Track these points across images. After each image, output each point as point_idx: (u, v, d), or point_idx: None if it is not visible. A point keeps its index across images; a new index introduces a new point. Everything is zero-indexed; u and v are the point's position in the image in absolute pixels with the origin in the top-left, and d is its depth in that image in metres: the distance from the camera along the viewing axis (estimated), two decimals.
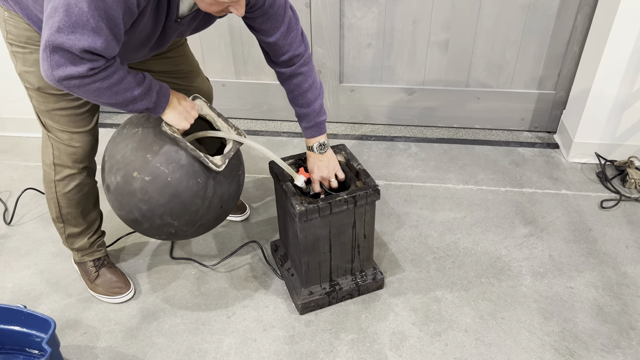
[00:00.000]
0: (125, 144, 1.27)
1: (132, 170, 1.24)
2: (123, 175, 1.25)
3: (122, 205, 1.29)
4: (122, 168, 1.25)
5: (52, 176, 1.43)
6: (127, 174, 1.25)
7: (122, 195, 1.27)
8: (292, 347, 1.46)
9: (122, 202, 1.28)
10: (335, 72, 2.28)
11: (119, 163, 1.26)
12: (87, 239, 1.58)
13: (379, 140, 2.33)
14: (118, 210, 1.32)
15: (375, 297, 1.59)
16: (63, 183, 1.44)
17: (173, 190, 1.25)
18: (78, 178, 1.44)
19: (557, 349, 1.44)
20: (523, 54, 2.16)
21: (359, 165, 1.49)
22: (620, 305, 1.56)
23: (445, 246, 1.77)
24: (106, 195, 1.34)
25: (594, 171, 2.10)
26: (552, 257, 1.72)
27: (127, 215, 1.31)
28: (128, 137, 1.28)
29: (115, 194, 1.29)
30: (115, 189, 1.28)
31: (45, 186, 1.47)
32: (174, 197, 1.26)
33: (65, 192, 1.45)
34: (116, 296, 1.59)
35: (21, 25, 1.22)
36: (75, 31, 0.99)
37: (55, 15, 0.98)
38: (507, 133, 2.36)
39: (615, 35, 1.85)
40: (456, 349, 1.44)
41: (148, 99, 1.17)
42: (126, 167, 1.25)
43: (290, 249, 1.57)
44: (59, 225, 1.54)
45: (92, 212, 1.55)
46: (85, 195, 1.49)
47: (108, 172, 1.29)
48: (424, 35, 2.16)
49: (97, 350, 1.47)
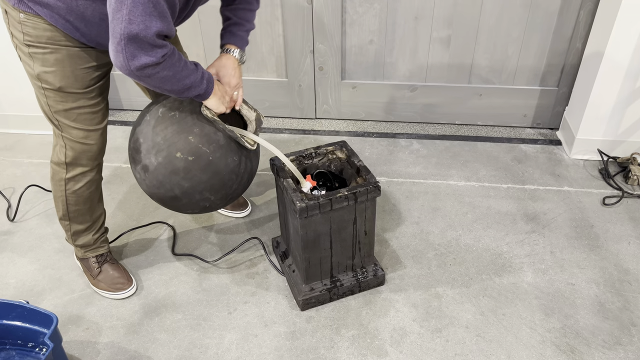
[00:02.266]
0: (164, 127, 1.34)
1: (176, 151, 1.32)
2: (166, 155, 1.32)
3: (163, 183, 1.35)
4: (165, 149, 1.32)
5: (62, 174, 1.44)
6: (170, 154, 1.32)
7: (165, 174, 1.34)
8: (293, 343, 1.46)
9: (162, 181, 1.35)
10: (337, 68, 2.28)
11: (160, 145, 1.33)
12: (91, 236, 1.59)
13: (381, 137, 2.33)
14: (156, 189, 1.37)
15: (376, 294, 1.60)
16: (74, 181, 1.45)
17: (214, 168, 1.35)
18: (89, 175, 1.46)
19: (558, 345, 1.44)
20: (525, 50, 2.15)
21: (360, 162, 1.49)
22: (622, 301, 1.55)
23: (447, 243, 1.77)
24: (140, 176, 1.38)
25: (596, 168, 2.10)
26: (554, 254, 1.71)
27: (166, 193, 1.37)
28: (166, 120, 1.34)
29: (155, 173, 1.35)
30: (156, 169, 1.34)
31: (54, 185, 1.48)
32: (214, 175, 1.36)
33: (75, 189, 1.46)
34: (118, 292, 1.60)
35: (40, 25, 1.23)
36: (145, 19, 1.05)
37: (123, 8, 1.04)
38: (509, 130, 2.35)
39: (618, 32, 1.85)
40: (457, 345, 1.44)
41: (200, 86, 1.25)
42: (169, 148, 1.32)
43: (291, 245, 1.58)
44: (65, 223, 1.55)
45: (97, 208, 1.56)
46: (94, 191, 1.51)
47: (146, 154, 1.34)
48: (426, 32, 2.15)
49: (99, 345, 1.48)
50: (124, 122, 2.48)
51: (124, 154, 2.25)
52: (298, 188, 1.42)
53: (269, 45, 2.26)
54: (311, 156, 1.55)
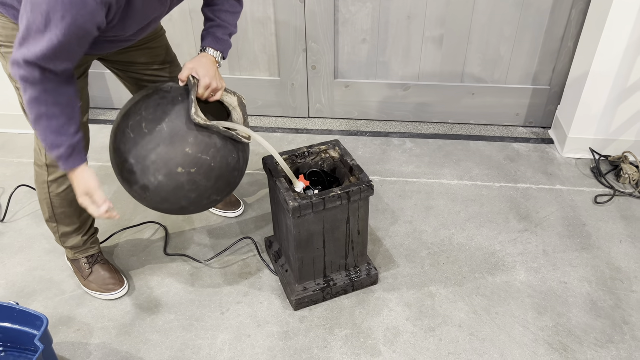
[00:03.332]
0: (155, 144, 1.26)
1: (176, 167, 1.27)
2: (166, 173, 1.27)
3: (167, 199, 1.31)
4: (163, 167, 1.26)
5: (44, 177, 1.42)
6: (171, 171, 1.27)
7: (168, 191, 1.29)
8: (286, 343, 1.45)
9: (167, 198, 1.31)
10: (330, 67, 2.28)
11: (157, 164, 1.26)
12: (80, 237, 1.57)
13: (374, 136, 2.32)
14: (161, 205, 1.33)
15: (370, 293, 1.59)
16: (57, 183, 1.43)
17: (218, 173, 1.32)
18: None
19: (551, 343, 1.44)
20: (518, 49, 2.16)
21: (353, 161, 1.49)
22: (614, 300, 1.56)
23: (440, 242, 1.77)
24: (139, 194, 1.32)
25: (588, 166, 2.11)
26: (546, 253, 1.72)
27: (172, 206, 1.34)
28: (155, 136, 1.26)
29: (158, 191, 1.29)
30: (158, 188, 1.29)
31: (38, 187, 1.46)
32: (219, 178, 1.34)
33: (59, 192, 1.44)
34: (110, 293, 1.58)
35: (9, 25, 1.21)
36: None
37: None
38: (501, 129, 2.36)
39: (610, 31, 1.85)
40: (450, 344, 1.44)
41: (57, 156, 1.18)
42: (167, 165, 1.26)
43: (284, 245, 1.57)
44: (52, 225, 1.53)
45: (85, 210, 1.54)
46: None
47: (142, 174, 1.28)
48: (419, 31, 2.15)
49: (90, 347, 1.46)
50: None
51: None
52: (291, 187, 1.41)
53: (261, 44, 2.25)
54: (304, 155, 1.54)
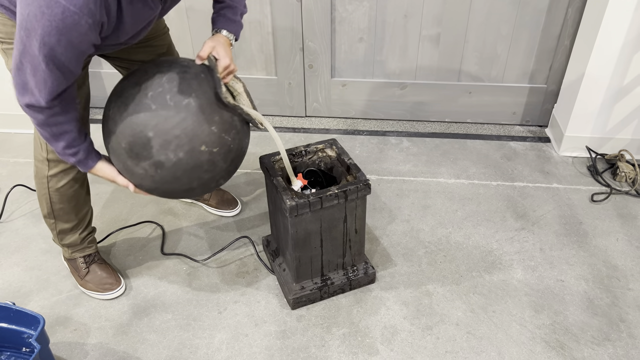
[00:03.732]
0: (181, 118, 1.19)
1: (200, 144, 1.21)
2: (188, 150, 1.20)
3: (179, 179, 1.24)
4: (187, 143, 1.20)
5: (44, 172, 1.42)
6: (194, 148, 1.20)
7: (185, 170, 1.23)
8: (283, 342, 1.45)
9: (180, 177, 1.24)
10: (327, 66, 2.27)
11: (180, 138, 1.19)
12: (78, 235, 1.56)
13: (371, 134, 2.32)
14: (168, 184, 1.25)
15: (367, 292, 1.59)
16: (56, 178, 1.43)
17: (234, 155, 1.31)
18: (72, 172, 1.44)
19: (548, 341, 1.44)
20: (514, 47, 2.16)
21: (350, 160, 1.49)
22: (611, 297, 1.56)
23: (437, 240, 1.77)
24: (147, 172, 1.23)
25: (584, 165, 2.11)
26: (543, 251, 1.72)
27: (180, 187, 1.27)
28: (181, 109, 1.19)
29: (174, 169, 1.22)
30: (175, 165, 1.21)
31: (37, 182, 1.46)
32: (233, 161, 1.32)
33: (58, 187, 1.44)
34: (107, 292, 1.58)
35: (8, 22, 1.22)
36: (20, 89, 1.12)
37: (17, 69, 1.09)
38: (498, 127, 2.36)
39: (606, 29, 1.86)
40: (447, 343, 1.45)
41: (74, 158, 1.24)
42: (191, 141, 1.20)
43: (282, 244, 1.57)
44: (50, 221, 1.52)
45: (83, 207, 1.54)
46: (78, 189, 1.48)
47: (160, 149, 1.19)
48: (416, 30, 2.15)
49: (87, 346, 1.46)
50: None
51: None
52: (288, 186, 1.41)
53: (258, 43, 2.24)
54: (301, 154, 1.54)
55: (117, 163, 1.27)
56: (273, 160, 1.50)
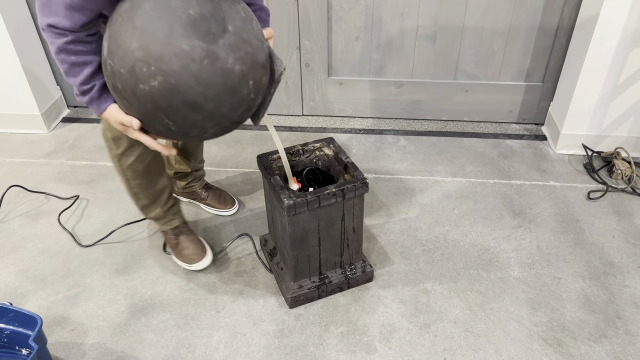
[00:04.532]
0: (258, 36, 1.13)
1: (250, 78, 1.12)
2: (249, 63, 1.10)
3: (223, 88, 1.09)
4: (248, 60, 1.10)
5: (113, 151, 1.43)
6: (255, 63, 1.12)
7: (235, 81, 1.09)
8: (281, 341, 1.45)
9: (229, 87, 1.09)
10: (323, 65, 2.27)
11: (247, 54, 1.08)
12: (160, 209, 1.60)
13: (368, 133, 2.33)
14: (206, 89, 1.06)
15: (365, 290, 1.60)
16: (125, 156, 1.43)
17: (254, 108, 1.22)
18: (138, 149, 1.42)
19: (545, 339, 1.45)
20: (511, 46, 2.17)
21: (348, 158, 1.49)
22: (607, 294, 1.57)
23: (434, 238, 1.77)
24: (201, 59, 1.03)
25: (581, 162, 2.12)
26: (540, 248, 1.73)
27: (209, 102, 1.09)
28: (255, 26, 1.14)
29: (230, 75, 1.07)
30: (232, 72, 1.07)
31: (111, 160, 1.48)
32: (246, 112, 1.21)
33: (129, 164, 1.44)
34: (192, 264, 1.64)
35: None
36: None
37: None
38: (495, 125, 2.37)
39: (602, 27, 1.86)
40: (445, 340, 1.45)
41: (83, 97, 1.18)
42: (252, 64, 1.10)
43: (279, 243, 1.57)
44: (132, 198, 1.56)
45: (159, 181, 1.54)
46: (148, 165, 1.47)
47: (232, 48, 1.06)
48: (412, 28, 2.16)
49: (85, 346, 1.46)
50: None
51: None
52: (286, 185, 1.41)
53: None
54: (298, 153, 1.54)
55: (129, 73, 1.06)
56: (271, 159, 1.50)
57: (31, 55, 2.27)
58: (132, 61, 1.03)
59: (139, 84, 1.04)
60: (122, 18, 1.04)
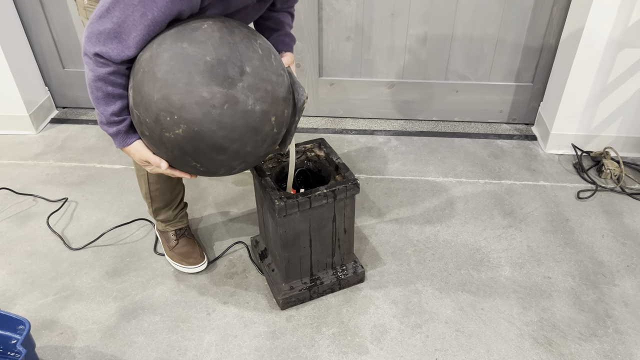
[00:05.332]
0: (280, 79, 1.15)
1: (273, 114, 1.14)
2: (269, 102, 1.12)
3: (245, 128, 1.11)
4: (268, 99, 1.12)
5: None
6: (269, 110, 1.13)
7: (256, 120, 1.12)
8: (273, 343, 1.45)
9: (251, 126, 1.12)
10: (314, 65, 2.27)
11: (267, 93, 1.11)
12: (171, 211, 1.65)
13: (359, 134, 2.32)
14: (230, 130, 1.09)
15: (356, 291, 1.59)
16: None
17: (273, 146, 1.25)
18: None
19: (536, 338, 1.45)
20: (501, 46, 2.17)
21: (339, 159, 1.49)
22: (597, 294, 1.58)
23: (425, 238, 1.77)
24: (213, 100, 1.05)
25: (570, 162, 2.13)
26: (531, 248, 1.73)
27: (232, 141, 1.12)
28: (276, 64, 1.16)
29: (250, 115, 1.10)
30: (248, 112, 1.09)
31: (135, 164, 1.52)
32: (269, 147, 1.25)
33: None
34: (189, 266, 1.64)
35: None
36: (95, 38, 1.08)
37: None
38: (485, 125, 2.38)
39: (590, 28, 1.87)
40: (437, 341, 1.45)
41: (109, 130, 1.19)
42: (272, 104, 1.13)
43: (271, 245, 1.56)
44: (147, 201, 1.61)
45: (177, 186, 1.61)
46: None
47: (246, 89, 1.08)
48: (403, 28, 2.16)
49: (74, 350, 1.44)
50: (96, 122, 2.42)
51: (97, 153, 2.20)
52: (277, 187, 1.41)
53: None
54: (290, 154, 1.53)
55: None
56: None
57: (19, 56, 2.25)
58: (155, 111, 1.07)
59: (164, 132, 1.09)
60: (143, 69, 1.09)
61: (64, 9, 2.23)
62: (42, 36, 2.31)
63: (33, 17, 2.26)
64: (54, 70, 2.41)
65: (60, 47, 2.35)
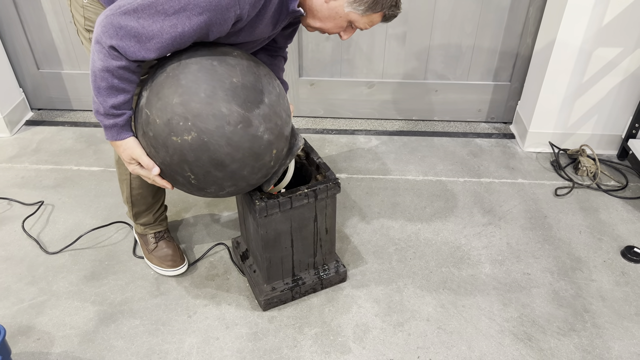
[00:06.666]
0: (287, 106, 1.26)
1: (274, 148, 1.22)
2: (276, 132, 1.21)
3: (241, 149, 1.16)
4: (277, 129, 1.21)
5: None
6: (276, 139, 1.21)
7: (261, 147, 1.19)
8: (255, 344, 1.44)
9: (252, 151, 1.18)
10: (294, 65, 2.26)
11: (279, 121, 1.20)
12: (152, 215, 1.63)
13: (340, 133, 2.33)
14: (233, 151, 1.14)
15: (338, 290, 1.59)
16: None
17: (271, 176, 1.34)
18: None
19: (516, 334, 1.47)
20: (479, 46, 2.20)
21: (319, 159, 1.48)
22: (575, 289, 1.61)
23: (407, 237, 1.78)
24: (227, 121, 1.11)
25: (548, 160, 2.16)
26: (510, 245, 1.75)
27: (233, 162, 1.17)
28: (283, 96, 1.26)
29: (245, 140, 1.15)
30: (254, 138, 1.15)
31: (118, 168, 1.51)
32: (264, 177, 1.32)
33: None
34: (168, 269, 1.62)
35: (101, 11, 1.24)
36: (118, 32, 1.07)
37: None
38: (464, 124, 2.40)
39: (566, 27, 1.90)
40: (418, 339, 1.46)
41: (104, 122, 1.18)
42: (279, 132, 1.22)
43: (252, 245, 1.55)
44: (128, 205, 1.60)
45: (159, 191, 1.61)
46: None
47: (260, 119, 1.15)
48: (382, 28, 2.17)
49: (51, 356, 1.41)
50: (74, 123, 2.38)
51: (74, 156, 2.16)
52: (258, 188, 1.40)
53: None
54: None
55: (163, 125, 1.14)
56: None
57: None
58: (170, 114, 1.11)
59: (171, 136, 1.12)
60: (167, 74, 1.13)
61: (38, 9, 2.19)
62: (15, 37, 2.26)
63: (6, 17, 2.21)
64: (28, 71, 2.36)
65: (34, 48, 2.30)
